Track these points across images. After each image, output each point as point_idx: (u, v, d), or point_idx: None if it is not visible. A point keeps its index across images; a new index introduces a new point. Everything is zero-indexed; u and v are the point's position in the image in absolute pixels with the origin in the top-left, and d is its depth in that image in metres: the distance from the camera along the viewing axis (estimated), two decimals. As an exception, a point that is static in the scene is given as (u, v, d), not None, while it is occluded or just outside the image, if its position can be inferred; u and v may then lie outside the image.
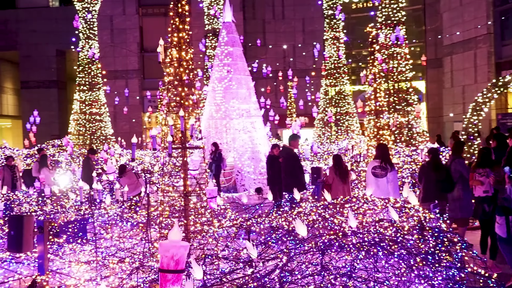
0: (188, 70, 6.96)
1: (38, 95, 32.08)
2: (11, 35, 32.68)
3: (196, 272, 4.66)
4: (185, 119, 6.79)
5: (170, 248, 2.38)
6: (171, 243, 2.39)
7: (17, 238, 6.65)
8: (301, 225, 5.27)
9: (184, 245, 2.42)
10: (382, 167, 8.42)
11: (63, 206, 10.10)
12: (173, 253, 2.38)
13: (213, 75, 17.04)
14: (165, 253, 2.38)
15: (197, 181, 6.14)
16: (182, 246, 2.39)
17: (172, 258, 2.38)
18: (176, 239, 2.42)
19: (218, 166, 14.40)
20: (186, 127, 6.74)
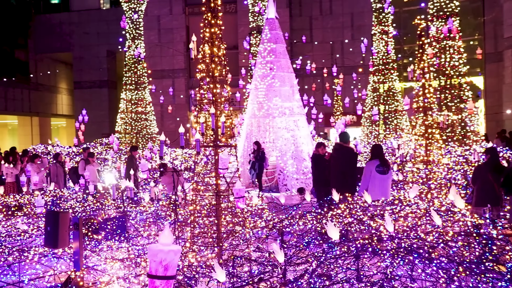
0: (220, 66, 6.77)
1: (90, 95, 33.15)
2: (65, 37, 33.93)
3: (219, 275, 4.46)
4: (217, 117, 6.61)
5: (158, 252, 2.18)
6: (160, 247, 2.18)
7: (53, 234, 6.69)
8: (333, 228, 4.95)
9: (175, 249, 2.21)
10: (384, 165, 8.39)
11: (103, 203, 10.20)
12: (162, 258, 2.17)
13: (255, 73, 16.85)
14: (153, 258, 2.19)
15: (226, 180, 5.94)
16: (171, 251, 2.18)
17: (160, 263, 2.18)
18: (167, 243, 2.21)
19: (261, 165, 14.21)
20: (218, 125, 6.57)
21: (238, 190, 5.27)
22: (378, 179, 8.22)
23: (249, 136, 16.65)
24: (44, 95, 35.41)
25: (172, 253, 2.15)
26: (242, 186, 5.34)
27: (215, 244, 6.41)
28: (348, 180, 8.83)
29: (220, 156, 5.74)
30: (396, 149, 13.95)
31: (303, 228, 6.46)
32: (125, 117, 22.09)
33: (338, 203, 7.70)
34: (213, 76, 6.70)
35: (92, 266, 7.36)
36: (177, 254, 2.18)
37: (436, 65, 16.05)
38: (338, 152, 8.76)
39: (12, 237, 9.09)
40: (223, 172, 5.80)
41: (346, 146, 8.94)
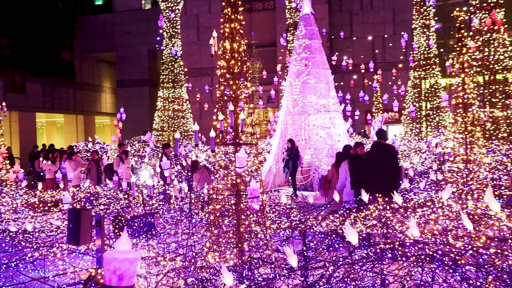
0: (241, 63, 6.59)
1: (131, 94, 33.85)
2: (108, 37, 34.78)
3: (226, 279, 4.28)
4: (236, 114, 6.44)
5: (112, 260, 2.01)
6: (115, 254, 2.01)
7: (75, 231, 6.73)
8: (352, 231, 4.67)
9: (130, 257, 2.03)
10: None
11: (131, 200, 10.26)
12: (116, 267, 2.00)
13: (290, 70, 16.57)
14: (107, 266, 2.02)
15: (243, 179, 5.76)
16: (127, 260, 2.01)
17: (114, 272, 2.01)
18: (123, 250, 2.04)
19: (295, 164, 13.95)
20: (237, 122, 6.40)
21: (253, 189, 5.07)
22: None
23: (284, 133, 16.40)
24: (89, 94, 36.45)
25: (127, 262, 1.98)
26: (257, 186, 5.14)
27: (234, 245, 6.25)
28: (392, 179, 8.42)
29: (237, 155, 5.56)
30: (434, 147, 13.33)
31: (325, 230, 6.19)
32: (162, 115, 22.34)
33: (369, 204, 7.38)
34: (233, 72, 6.53)
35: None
36: (133, 262, 2.00)
37: (480, 59, 15.24)
38: (378, 150, 8.35)
39: (45, 233, 9.27)
40: (240, 171, 5.62)
41: (386, 143, 8.55)
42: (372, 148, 8.63)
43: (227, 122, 6.46)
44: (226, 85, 6.58)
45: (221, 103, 6.64)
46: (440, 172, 11.17)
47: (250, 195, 5.08)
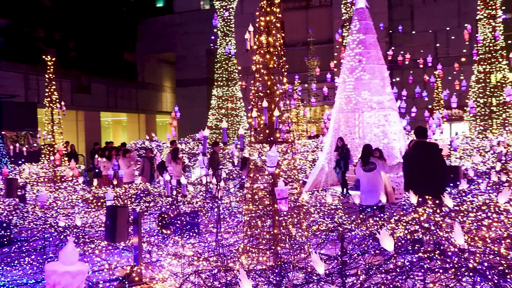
0: (276, 57, 6.34)
1: (190, 93, 34.46)
2: (169, 38, 35.61)
3: (245, 286, 4.06)
4: (271, 111, 6.21)
5: (51, 274, 1.80)
6: (55, 267, 1.82)
7: (111, 228, 6.80)
8: (387, 237, 4.30)
9: (73, 271, 1.82)
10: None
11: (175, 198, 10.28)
12: (55, 281, 1.80)
13: (344, 66, 16.03)
14: (48, 279, 1.83)
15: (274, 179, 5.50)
16: (68, 273, 1.79)
17: (53, 287, 1.82)
18: (68, 262, 1.85)
19: (346, 163, 13.47)
20: (272, 120, 6.16)
21: (281, 190, 4.82)
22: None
23: (336, 132, 15.91)
24: (150, 94, 37.52)
25: (69, 276, 1.77)
26: (285, 186, 4.88)
27: (268, 248, 6.02)
28: (438, 180, 7.82)
29: (268, 153, 5.32)
30: (496, 145, 12.37)
31: (363, 235, 5.81)
32: (216, 113, 22.48)
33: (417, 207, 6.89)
34: (268, 67, 6.30)
35: (153, 262, 7.38)
36: (76, 276, 1.79)
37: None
38: (419, 150, 7.80)
39: (95, 228, 9.50)
40: (272, 170, 5.37)
41: (427, 142, 7.98)
42: (412, 148, 8.08)
43: (262, 119, 6.24)
44: (261, 81, 6.37)
45: (256, 100, 6.42)
46: (504, 172, 10.33)
47: (278, 196, 4.83)
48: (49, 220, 9.41)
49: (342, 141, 14.08)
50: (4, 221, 9.14)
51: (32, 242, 8.83)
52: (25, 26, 27.35)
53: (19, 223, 9.61)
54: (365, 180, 8.86)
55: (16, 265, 7.37)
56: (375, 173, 8.70)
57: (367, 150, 9.11)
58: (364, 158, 9.00)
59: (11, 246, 8.66)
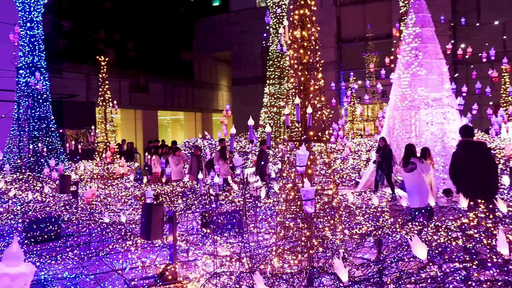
0: (310, 52, 6.03)
1: (246, 91, 34.52)
2: (225, 36, 35.88)
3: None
4: (304, 108, 5.91)
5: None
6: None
7: (146, 226, 6.77)
8: (420, 244, 3.92)
9: (13, 273, 1.64)
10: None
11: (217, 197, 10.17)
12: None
13: (399, 61, 15.32)
14: None
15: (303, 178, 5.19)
16: (7, 275, 1.63)
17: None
18: (11, 263, 1.67)
19: (389, 165, 12.82)
20: (305, 117, 5.86)
21: (306, 191, 4.52)
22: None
23: (391, 130, 15.25)
24: (206, 92, 38.01)
25: (8, 278, 1.61)
26: (311, 187, 4.58)
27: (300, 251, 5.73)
28: (489, 181, 7.18)
29: (297, 152, 5.04)
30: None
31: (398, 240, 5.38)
32: (268, 112, 22.29)
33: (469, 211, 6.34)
34: (302, 62, 6.00)
35: (188, 261, 7.30)
36: (16, 279, 1.63)
37: None
38: (466, 149, 7.20)
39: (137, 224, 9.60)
40: (301, 170, 5.08)
41: (475, 141, 7.36)
42: (458, 147, 7.46)
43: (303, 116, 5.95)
44: (295, 77, 6.08)
45: (290, 96, 6.15)
46: None
47: (303, 197, 4.54)
48: (94, 215, 9.61)
49: (384, 141, 13.46)
50: (53, 216, 9.43)
51: (77, 237, 9.05)
52: (87, 28, 28.50)
53: (67, 218, 9.90)
54: (406, 181, 8.46)
55: (58, 259, 7.54)
56: (415, 174, 8.19)
57: (409, 150, 8.61)
58: (405, 158, 8.54)
59: (59, 241, 8.91)
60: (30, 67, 15.39)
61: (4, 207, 11.42)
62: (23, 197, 11.91)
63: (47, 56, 15.72)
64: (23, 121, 15.25)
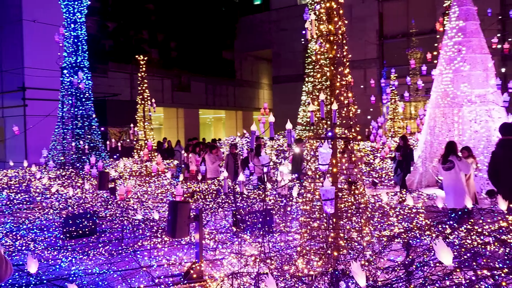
0: (337, 46, 5.86)
1: (286, 89, 34.33)
2: (265, 35, 35.84)
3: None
4: (329, 105, 5.75)
5: None
6: None
7: (172, 224, 6.79)
8: (445, 249, 3.72)
9: None
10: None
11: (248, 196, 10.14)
12: None
13: (441, 57, 14.76)
14: None
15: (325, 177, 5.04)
16: None
17: None
18: None
19: (409, 165, 12.32)
20: (329, 114, 5.70)
21: (325, 191, 4.38)
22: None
23: (433, 128, 14.73)
24: (247, 91, 38.12)
25: None
26: (331, 186, 4.43)
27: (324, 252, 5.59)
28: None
29: (320, 150, 4.90)
30: None
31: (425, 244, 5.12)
32: (307, 110, 22.05)
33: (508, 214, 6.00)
34: (328, 57, 5.84)
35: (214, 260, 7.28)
36: None
37: None
38: (506, 148, 6.80)
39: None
40: (323, 169, 4.93)
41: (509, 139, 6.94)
42: (498, 146, 7.05)
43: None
44: (321, 72, 5.93)
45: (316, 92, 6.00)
46: None
47: (323, 197, 4.40)
48: (128, 212, 9.79)
49: (405, 140, 12.93)
50: (89, 212, 9.67)
51: (111, 234, 9.24)
52: (131, 29, 29.18)
53: (101, 215, 10.13)
54: (444, 179, 8.09)
55: (89, 254, 7.72)
56: (452, 173, 7.81)
57: (449, 147, 8.22)
58: (444, 156, 8.17)
59: (92, 237, 9.12)
60: (74, 67, 15.89)
61: (47, 203, 11.84)
62: (65, 193, 12.29)
63: (94, 57, 16.21)
64: (67, 119, 15.77)
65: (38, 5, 19.97)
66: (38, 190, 12.98)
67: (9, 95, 20.33)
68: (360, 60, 29.26)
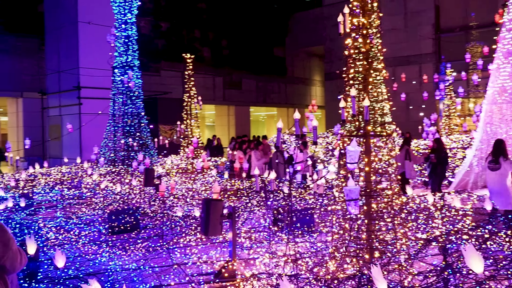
0: (369, 40, 5.59)
1: (338, 86, 33.72)
2: (318, 31, 35.35)
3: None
4: (360, 101, 5.50)
5: None
6: None
7: (205, 221, 6.77)
8: (475, 256, 3.44)
9: None
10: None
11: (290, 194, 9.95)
12: None
13: (498, 50, 13.90)
14: None
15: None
16: None
17: None
18: None
19: (443, 170, 11.55)
20: (360, 110, 5.46)
21: (349, 190, 4.17)
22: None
23: (490, 126, 13.90)
24: (299, 88, 37.79)
25: None
26: (356, 186, 4.20)
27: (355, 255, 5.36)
28: None
29: (347, 148, 4.68)
30: None
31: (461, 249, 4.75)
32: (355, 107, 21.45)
33: None
34: (362, 52, 5.59)
35: (248, 259, 7.19)
36: None
37: None
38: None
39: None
40: (352, 167, 4.71)
41: None
42: None
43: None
44: (354, 67, 5.68)
45: (349, 88, 5.77)
46: None
47: (347, 197, 4.19)
48: (168, 209, 9.91)
49: (439, 143, 12.05)
50: (131, 208, 9.87)
51: (151, 230, 9.38)
52: (183, 28, 29.70)
53: (143, 211, 10.32)
54: (488, 179, 7.59)
55: (127, 250, 7.86)
56: (498, 173, 7.29)
57: (497, 146, 7.71)
58: (491, 155, 7.67)
59: (133, 232, 9.29)
60: (124, 66, 16.35)
61: (97, 198, 12.24)
62: (113, 189, 12.65)
63: (147, 56, 16.54)
64: (118, 117, 16.25)
65: (93, 7, 20.74)
66: (88, 186, 13.46)
67: (66, 94, 21.27)
68: (415, 55, 28.18)
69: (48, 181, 13.97)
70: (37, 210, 11.43)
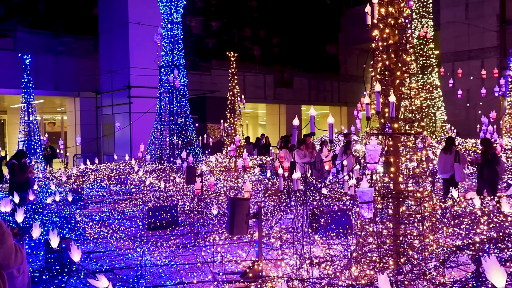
0: (398, 31, 5.23)
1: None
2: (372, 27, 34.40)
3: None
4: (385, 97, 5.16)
5: None
6: None
7: (230, 220, 6.66)
8: (497, 269, 3.10)
9: None
10: None
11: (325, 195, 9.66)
12: None
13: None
14: None
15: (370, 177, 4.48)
16: None
17: None
18: None
19: (492, 171, 10.47)
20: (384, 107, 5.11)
21: (362, 192, 3.88)
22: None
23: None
24: (353, 86, 36.93)
25: None
26: (369, 188, 3.90)
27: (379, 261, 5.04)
28: None
29: (367, 147, 4.39)
30: None
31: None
32: (408, 104, 20.56)
33: None
34: (388, 44, 5.23)
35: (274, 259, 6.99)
36: None
37: None
38: None
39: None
40: (372, 167, 4.41)
41: None
42: None
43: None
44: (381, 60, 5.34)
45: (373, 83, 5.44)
46: None
47: (359, 199, 3.91)
48: (204, 206, 9.89)
49: (487, 143, 10.81)
50: (169, 205, 9.95)
51: (185, 227, 9.40)
52: (234, 27, 29.82)
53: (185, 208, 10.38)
54: None
55: (159, 246, 7.90)
56: None
57: None
58: None
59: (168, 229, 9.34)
60: (170, 65, 16.58)
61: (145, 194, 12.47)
62: (158, 185, 12.85)
63: (198, 55, 16.69)
64: (164, 115, 16.51)
65: (142, 8, 21.25)
66: (134, 182, 13.77)
67: (117, 94, 21.95)
68: (478, 49, 26.64)
69: (97, 177, 14.43)
70: (83, 205, 11.82)
